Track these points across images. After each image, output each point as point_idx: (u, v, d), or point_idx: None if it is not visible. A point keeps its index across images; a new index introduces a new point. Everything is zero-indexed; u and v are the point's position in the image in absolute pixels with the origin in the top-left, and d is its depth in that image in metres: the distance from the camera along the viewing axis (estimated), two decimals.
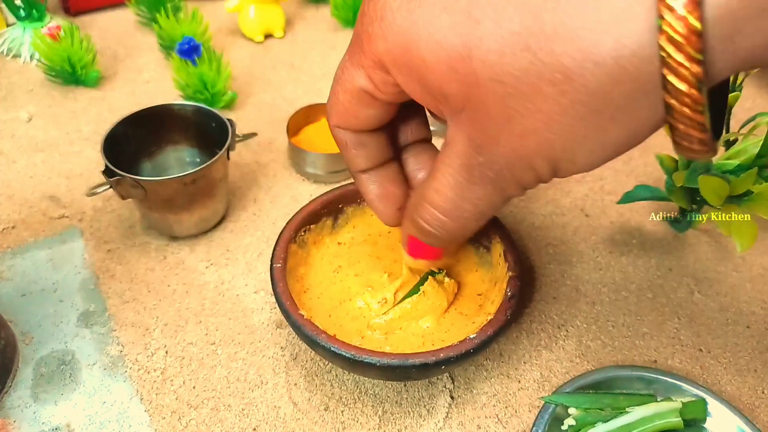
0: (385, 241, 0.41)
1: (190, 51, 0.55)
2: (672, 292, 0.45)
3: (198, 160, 0.50)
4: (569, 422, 0.35)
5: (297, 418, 0.37)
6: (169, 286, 0.44)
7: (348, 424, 0.37)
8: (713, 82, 0.19)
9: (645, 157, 0.55)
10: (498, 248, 0.38)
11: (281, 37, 0.72)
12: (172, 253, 0.46)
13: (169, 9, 0.65)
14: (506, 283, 0.36)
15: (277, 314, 0.42)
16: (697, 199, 0.44)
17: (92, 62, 0.62)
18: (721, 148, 0.43)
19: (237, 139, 0.47)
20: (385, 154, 0.30)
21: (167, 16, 0.63)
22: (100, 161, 0.42)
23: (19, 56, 0.66)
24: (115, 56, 0.67)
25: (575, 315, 0.43)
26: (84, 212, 0.49)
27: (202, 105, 0.47)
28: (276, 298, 0.35)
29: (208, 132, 0.47)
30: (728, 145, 0.42)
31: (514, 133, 0.22)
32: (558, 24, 0.19)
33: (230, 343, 0.40)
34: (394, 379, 0.38)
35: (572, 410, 0.35)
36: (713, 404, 0.35)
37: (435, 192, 0.26)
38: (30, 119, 0.58)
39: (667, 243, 0.48)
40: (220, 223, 0.49)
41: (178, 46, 0.55)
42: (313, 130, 0.56)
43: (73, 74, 0.61)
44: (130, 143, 0.46)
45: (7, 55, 0.66)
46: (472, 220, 0.27)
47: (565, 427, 0.35)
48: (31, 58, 0.65)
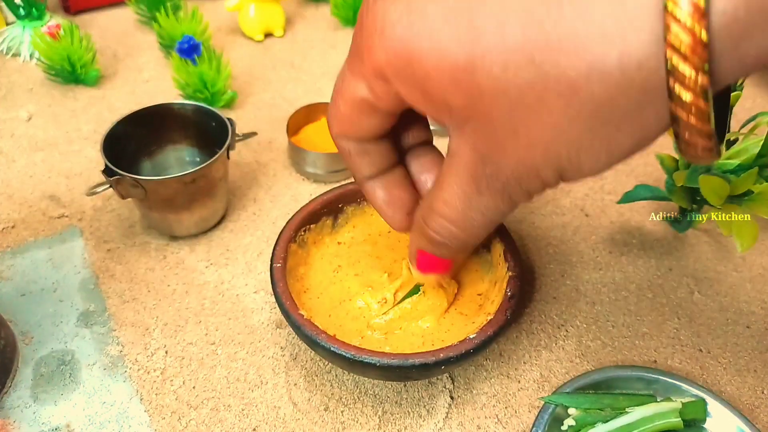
0: (385, 241, 0.41)
1: (190, 50, 0.55)
2: (672, 292, 0.45)
3: (198, 159, 0.50)
4: (569, 422, 0.35)
5: (297, 418, 0.37)
6: (168, 285, 0.44)
7: (348, 424, 0.37)
8: (718, 87, 0.19)
9: (645, 157, 0.55)
10: (498, 248, 0.38)
11: (281, 36, 0.72)
12: (172, 253, 0.46)
13: (169, 8, 0.65)
14: (506, 283, 0.36)
15: (277, 314, 0.42)
16: (697, 199, 0.44)
17: (92, 61, 0.62)
18: (721, 148, 0.43)
19: (237, 138, 0.47)
20: (388, 159, 0.30)
21: (167, 15, 0.63)
22: (100, 160, 0.42)
23: (19, 55, 0.66)
24: (114, 55, 0.67)
25: (575, 315, 0.43)
26: (84, 212, 0.49)
27: (202, 104, 0.47)
28: (276, 298, 0.35)
29: (208, 131, 0.47)
30: (729, 144, 0.42)
31: (521, 144, 0.22)
32: (562, 36, 0.19)
33: (230, 343, 0.40)
34: (394, 379, 0.38)
35: (572, 410, 0.35)
36: (713, 404, 0.35)
37: (444, 203, 0.26)
38: (30, 118, 0.58)
39: (667, 243, 0.48)
40: (220, 222, 0.48)
41: (177, 45, 0.55)
42: (313, 129, 0.56)
43: (72, 73, 0.61)
44: (130, 142, 0.46)
45: (7, 54, 0.66)
46: (482, 228, 0.27)
47: (564, 428, 0.35)
48: (30, 57, 0.65)
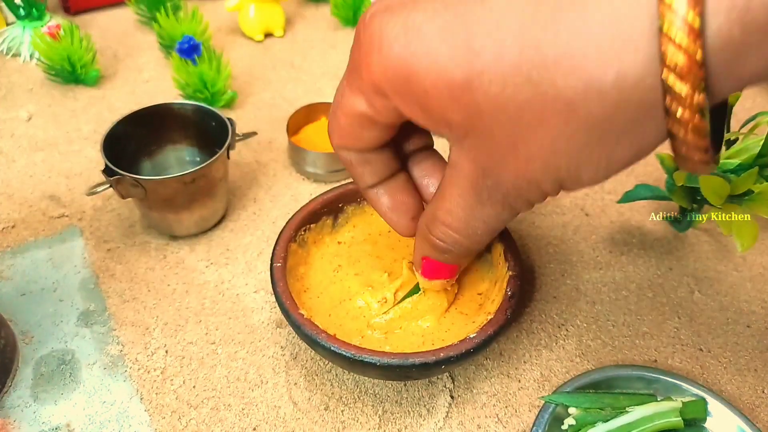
0: (385, 241, 0.41)
1: (190, 50, 0.55)
2: (672, 292, 0.45)
3: (198, 159, 0.50)
4: (569, 422, 0.35)
5: (297, 417, 0.37)
6: (168, 285, 0.44)
7: (348, 424, 0.37)
8: (715, 102, 0.19)
9: (645, 157, 0.55)
10: (498, 248, 0.38)
11: (281, 36, 0.72)
12: (172, 253, 0.46)
13: (169, 8, 0.65)
14: (506, 282, 0.36)
15: (277, 314, 0.42)
16: (697, 199, 0.44)
17: (92, 61, 0.62)
18: (721, 148, 0.43)
19: (237, 138, 0.47)
20: (390, 167, 0.31)
21: (167, 15, 0.63)
22: (100, 160, 0.42)
23: (19, 55, 0.66)
24: (114, 55, 0.67)
25: (575, 314, 0.43)
26: (84, 211, 0.49)
27: (202, 104, 0.47)
28: (276, 298, 0.35)
29: (208, 131, 0.47)
30: (729, 144, 0.42)
31: (520, 158, 0.22)
32: (559, 55, 0.19)
33: (230, 342, 0.40)
34: (394, 379, 0.37)
35: (572, 410, 0.35)
36: (713, 404, 0.35)
37: (446, 213, 0.27)
38: (30, 118, 0.58)
39: (667, 242, 0.48)
40: (220, 222, 0.48)
41: (178, 45, 0.55)
42: (313, 129, 0.56)
43: (72, 73, 0.61)
44: (130, 142, 0.46)
45: (7, 54, 0.66)
46: (485, 235, 0.28)
47: (565, 427, 0.35)
48: (30, 57, 0.65)
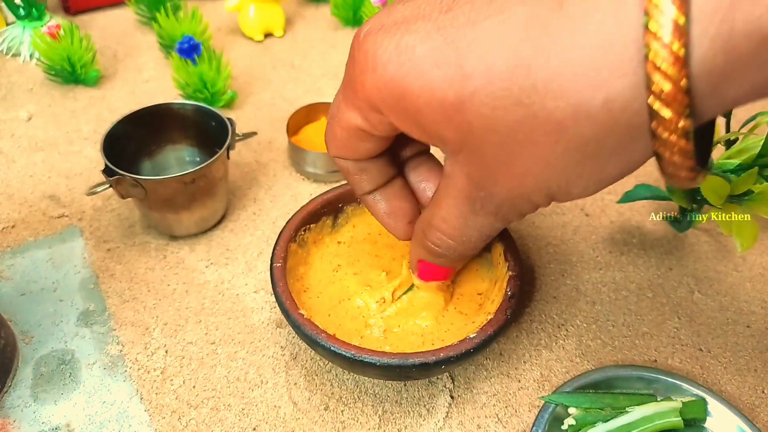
0: (384, 240, 0.41)
1: (190, 50, 0.55)
2: (672, 292, 0.45)
3: (198, 159, 0.50)
4: (569, 422, 0.35)
5: (297, 417, 0.37)
6: (168, 285, 0.44)
7: (348, 424, 0.37)
8: (700, 123, 0.19)
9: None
10: (498, 248, 0.38)
11: (281, 36, 0.72)
12: (172, 253, 0.46)
13: (169, 8, 0.65)
14: (506, 282, 0.36)
15: (277, 314, 0.42)
16: (697, 199, 0.44)
17: (92, 61, 0.62)
18: (721, 148, 0.43)
19: (237, 138, 0.47)
20: (387, 173, 0.31)
21: (167, 15, 0.63)
22: (100, 160, 0.42)
23: (19, 55, 0.66)
24: (114, 55, 0.67)
25: (575, 314, 0.43)
26: (84, 211, 0.49)
27: (201, 104, 0.47)
28: (276, 298, 0.35)
29: (208, 131, 0.47)
30: (729, 144, 0.42)
31: (512, 173, 0.23)
32: (549, 80, 0.20)
33: (230, 342, 0.40)
34: (394, 379, 0.37)
35: (572, 410, 0.35)
36: (713, 404, 0.35)
37: (441, 220, 0.28)
38: (30, 118, 0.58)
39: (667, 242, 0.48)
40: (220, 222, 0.48)
41: (177, 45, 0.55)
42: (313, 129, 0.56)
43: (72, 73, 0.61)
44: (130, 142, 0.46)
45: (7, 54, 0.66)
46: (479, 241, 0.29)
47: (565, 427, 0.35)
48: (30, 57, 0.65)
